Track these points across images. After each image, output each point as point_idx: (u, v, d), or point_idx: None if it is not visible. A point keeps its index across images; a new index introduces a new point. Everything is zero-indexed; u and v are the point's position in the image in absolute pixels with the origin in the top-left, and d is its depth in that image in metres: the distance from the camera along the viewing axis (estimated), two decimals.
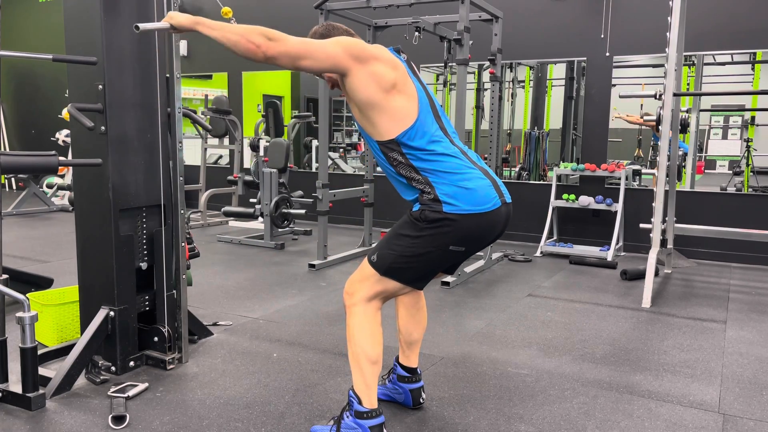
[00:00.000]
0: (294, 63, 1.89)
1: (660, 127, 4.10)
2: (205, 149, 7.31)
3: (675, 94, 4.16)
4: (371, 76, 1.93)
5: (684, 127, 4.44)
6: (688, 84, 5.58)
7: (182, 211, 2.76)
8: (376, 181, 5.58)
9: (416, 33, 4.65)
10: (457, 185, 1.94)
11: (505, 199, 2.03)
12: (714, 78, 5.63)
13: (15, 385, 2.38)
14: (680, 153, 4.99)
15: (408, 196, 2.07)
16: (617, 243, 5.41)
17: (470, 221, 1.94)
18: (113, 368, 2.64)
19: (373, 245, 2.35)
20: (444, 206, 1.93)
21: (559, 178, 5.85)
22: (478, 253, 4.99)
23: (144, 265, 2.75)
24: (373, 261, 2.05)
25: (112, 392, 2.43)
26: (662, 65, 4.28)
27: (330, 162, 7.38)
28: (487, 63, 5.15)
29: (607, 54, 5.66)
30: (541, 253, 5.56)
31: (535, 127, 6.43)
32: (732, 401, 2.53)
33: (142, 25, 1.95)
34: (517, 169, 6.42)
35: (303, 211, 5.86)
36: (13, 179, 9.81)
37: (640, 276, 4.47)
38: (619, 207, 5.43)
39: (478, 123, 6.59)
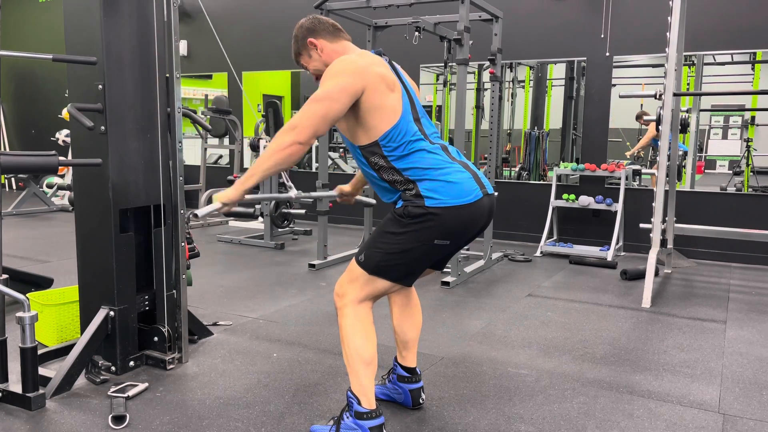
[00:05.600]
0: (327, 120, 1.93)
1: (660, 127, 4.10)
2: (205, 149, 7.31)
3: (675, 94, 4.16)
4: (378, 79, 1.96)
5: (684, 127, 4.44)
6: (688, 84, 5.57)
7: (182, 211, 2.76)
8: None
9: (416, 33, 4.65)
10: (438, 179, 1.96)
11: (487, 190, 2.05)
12: (714, 78, 5.63)
13: (15, 385, 2.38)
14: (680, 153, 4.99)
15: (387, 199, 2.10)
16: (617, 243, 5.41)
17: (453, 214, 1.95)
18: (113, 368, 2.64)
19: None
20: (426, 201, 1.95)
21: (559, 178, 5.86)
22: (477, 253, 5.03)
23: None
24: (360, 261, 2.05)
25: (112, 392, 2.43)
26: (662, 65, 4.28)
27: (330, 162, 7.39)
28: (487, 63, 5.14)
29: (607, 54, 5.66)
30: (541, 253, 5.55)
31: (535, 127, 6.43)
32: (732, 401, 2.53)
33: (200, 211, 2.02)
34: (517, 169, 6.42)
35: (303, 211, 5.86)
36: (13, 179, 9.81)
37: (640, 276, 4.46)
38: (619, 207, 5.43)
39: (478, 123, 6.59)
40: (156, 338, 2.77)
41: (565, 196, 5.71)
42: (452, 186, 1.96)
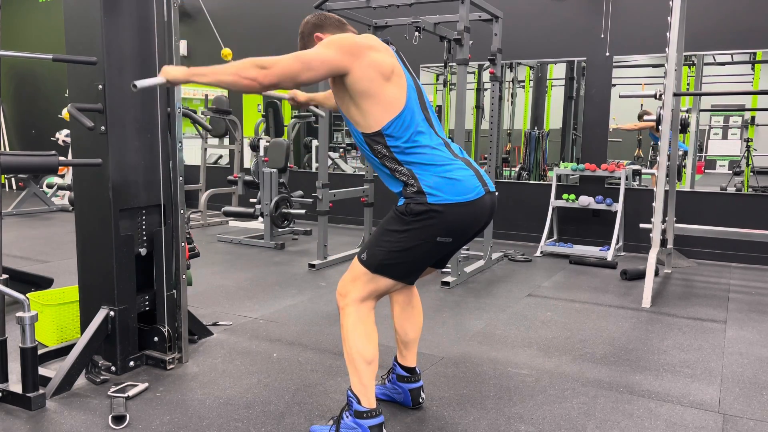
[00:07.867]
0: (295, 81, 1.91)
1: (660, 127, 4.10)
2: (205, 149, 7.31)
3: (675, 94, 4.16)
4: (371, 65, 1.94)
5: (684, 127, 4.44)
6: (688, 84, 5.57)
7: (182, 211, 2.76)
8: (376, 181, 5.58)
9: (416, 33, 4.65)
10: (440, 176, 1.95)
11: (489, 188, 2.05)
12: (714, 78, 5.62)
13: (15, 385, 2.38)
14: (680, 153, 4.99)
15: (394, 187, 2.08)
16: (617, 243, 5.41)
17: (455, 211, 1.95)
18: (113, 368, 2.64)
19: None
20: (428, 197, 1.94)
21: (559, 178, 5.85)
22: (477, 253, 5.03)
23: (143, 251, 2.73)
24: (363, 259, 2.05)
25: (112, 392, 2.43)
26: (662, 65, 4.28)
27: (330, 162, 7.38)
28: (487, 63, 5.15)
29: (607, 54, 5.66)
30: (541, 253, 5.55)
31: (535, 127, 6.43)
32: (732, 401, 2.53)
33: (139, 83, 1.99)
34: (517, 169, 6.42)
35: (303, 211, 5.86)
36: (13, 179, 9.81)
37: (640, 276, 4.46)
38: (619, 207, 5.43)
39: (478, 123, 6.59)
40: (156, 338, 2.77)
41: (565, 196, 5.71)
42: (454, 183, 1.95)
